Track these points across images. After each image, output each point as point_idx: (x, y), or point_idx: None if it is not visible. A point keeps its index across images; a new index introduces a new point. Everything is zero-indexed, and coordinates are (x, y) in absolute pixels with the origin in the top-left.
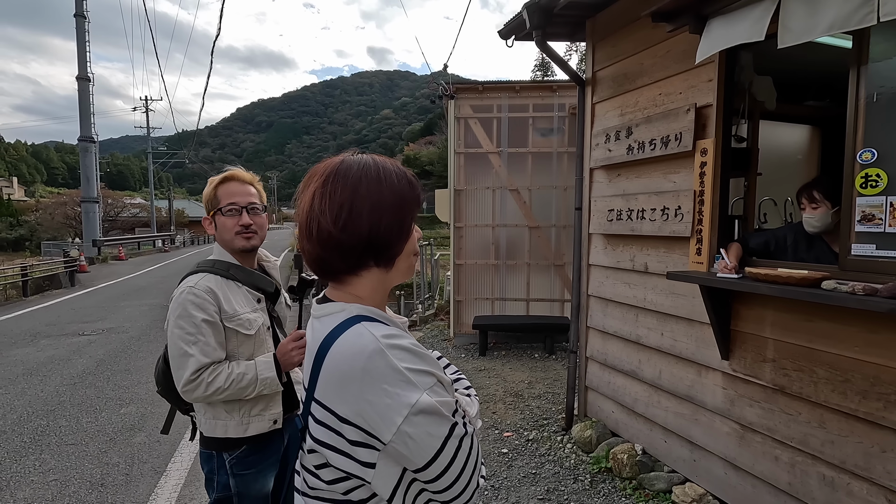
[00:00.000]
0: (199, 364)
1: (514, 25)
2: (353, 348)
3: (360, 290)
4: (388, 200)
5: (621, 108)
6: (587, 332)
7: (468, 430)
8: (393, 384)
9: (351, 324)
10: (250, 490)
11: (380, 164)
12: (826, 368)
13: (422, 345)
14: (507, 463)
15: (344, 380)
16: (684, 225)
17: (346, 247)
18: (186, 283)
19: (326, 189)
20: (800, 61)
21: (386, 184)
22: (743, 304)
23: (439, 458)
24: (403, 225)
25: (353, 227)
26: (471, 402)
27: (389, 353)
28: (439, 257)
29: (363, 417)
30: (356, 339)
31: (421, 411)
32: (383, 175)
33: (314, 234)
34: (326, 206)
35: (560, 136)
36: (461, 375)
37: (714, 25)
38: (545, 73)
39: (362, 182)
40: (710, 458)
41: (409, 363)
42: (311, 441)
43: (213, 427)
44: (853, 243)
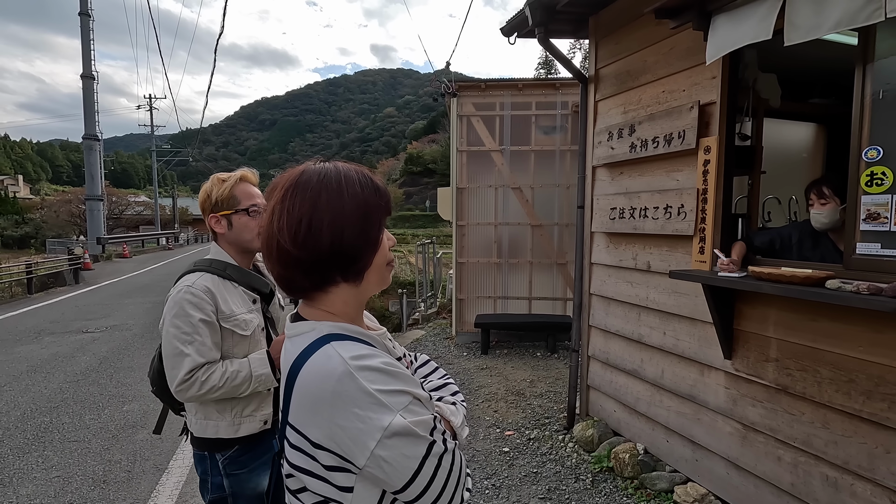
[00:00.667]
0: (195, 364)
1: (516, 22)
2: (322, 371)
3: (332, 307)
4: (350, 212)
5: (624, 106)
6: (589, 330)
7: (448, 447)
8: (364, 407)
9: (320, 345)
10: (244, 489)
11: (342, 171)
12: (830, 368)
13: (404, 359)
14: (509, 462)
15: (315, 404)
16: (687, 223)
17: (307, 265)
18: (184, 283)
19: (285, 205)
20: (805, 58)
21: (348, 194)
22: (746, 303)
23: (417, 479)
24: (369, 237)
25: (313, 244)
26: (455, 411)
27: (359, 375)
28: (441, 255)
29: (336, 442)
30: (325, 362)
31: (395, 434)
32: (345, 184)
33: (274, 254)
34: (284, 223)
35: (563, 133)
36: (448, 380)
37: (719, 23)
38: (549, 71)
39: (322, 194)
40: (712, 457)
41: (380, 384)
42: (288, 466)
43: (203, 427)
44: (858, 242)
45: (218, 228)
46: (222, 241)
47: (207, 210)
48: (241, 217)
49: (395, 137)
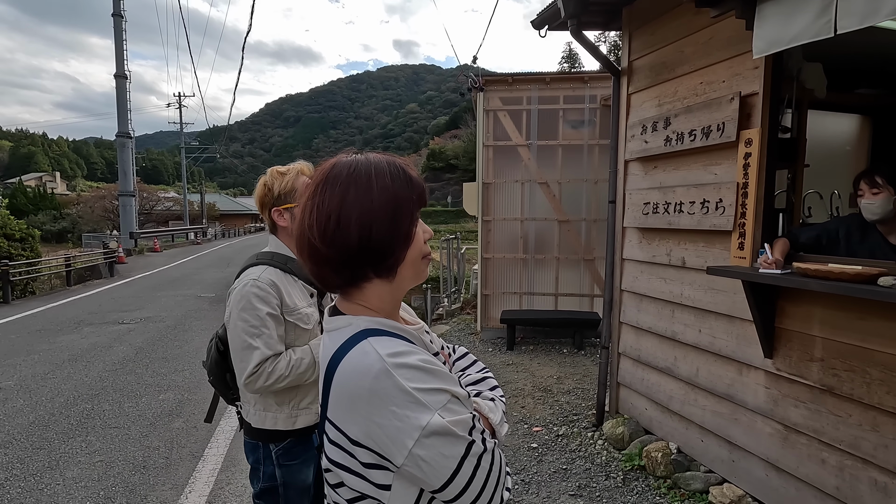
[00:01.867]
0: (263, 357)
1: (548, 15)
2: (359, 368)
3: (368, 301)
4: (380, 206)
5: (659, 98)
6: (620, 327)
7: (487, 447)
8: (402, 406)
9: (357, 340)
10: (296, 480)
11: (373, 163)
12: (880, 369)
13: (442, 352)
14: (538, 458)
15: (352, 401)
16: (726, 218)
17: (336, 262)
18: (249, 276)
19: (315, 200)
20: (853, 46)
21: (377, 187)
22: (789, 300)
23: (456, 479)
24: (400, 231)
25: (342, 240)
26: (494, 408)
27: (396, 372)
28: (465, 251)
29: (373, 440)
30: (361, 359)
31: (433, 433)
32: (375, 177)
33: (305, 251)
34: (314, 220)
35: (591, 128)
36: (487, 374)
37: (767, 12)
38: (572, 65)
39: (350, 189)
40: (750, 458)
41: (418, 382)
42: (327, 461)
43: (262, 419)
44: None
45: (281, 222)
46: (283, 235)
47: (268, 204)
48: None
49: (417, 133)
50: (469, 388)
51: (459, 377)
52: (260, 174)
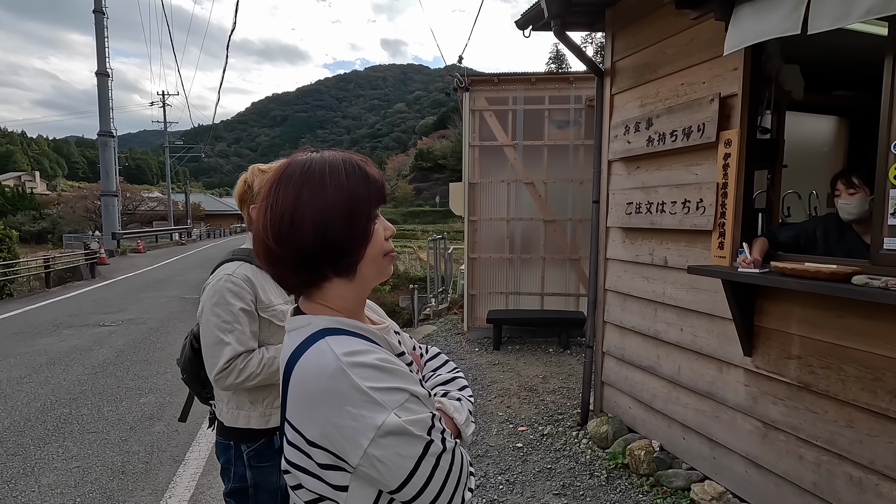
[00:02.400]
0: (234, 353)
1: (531, 15)
2: (315, 368)
3: (329, 301)
4: (335, 204)
5: (641, 99)
6: (604, 326)
7: (447, 447)
8: (357, 405)
9: (315, 340)
10: (267, 482)
11: (327, 161)
12: (856, 366)
13: (395, 357)
14: (522, 457)
15: (309, 401)
16: (706, 218)
17: (292, 262)
18: (223, 271)
19: (269, 201)
20: (829, 49)
21: (332, 184)
22: (767, 299)
23: (413, 479)
24: (356, 228)
25: (297, 240)
26: (460, 408)
27: (352, 372)
28: (453, 251)
29: (329, 440)
30: (318, 358)
31: (389, 433)
32: (329, 175)
33: (261, 252)
34: (269, 220)
35: (577, 128)
36: (457, 374)
37: (742, 13)
38: (559, 66)
39: (305, 187)
40: (730, 455)
41: (374, 381)
42: (285, 462)
43: (235, 417)
44: (886, 237)
45: None
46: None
47: (248, 200)
48: None
49: (405, 133)
50: (437, 388)
51: (429, 377)
52: None
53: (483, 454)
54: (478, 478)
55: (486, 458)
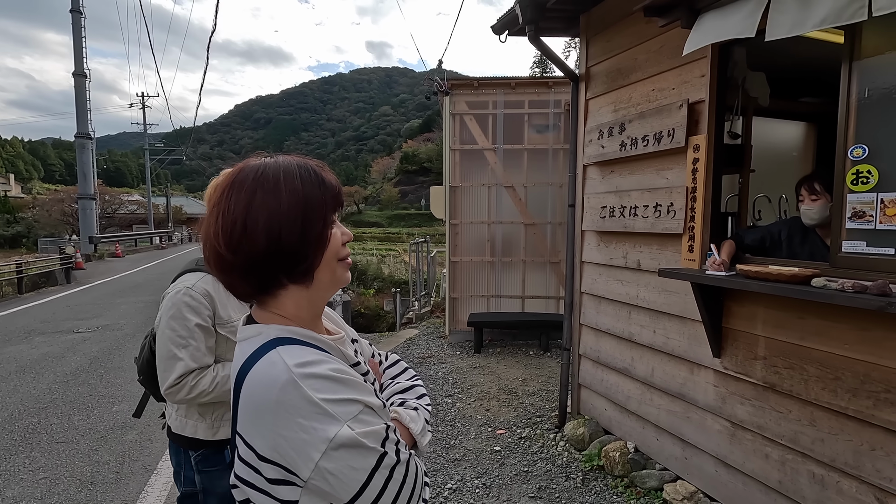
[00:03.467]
0: (186, 369)
1: (507, 20)
2: (265, 379)
3: (282, 309)
4: (288, 209)
5: (615, 104)
6: (580, 329)
7: (401, 458)
8: (308, 417)
9: (266, 350)
10: (216, 487)
11: (281, 166)
12: (817, 366)
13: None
14: (500, 461)
15: (259, 413)
16: (677, 222)
17: (242, 269)
18: (183, 283)
19: (221, 206)
20: (794, 57)
21: (286, 189)
22: (734, 301)
23: (366, 492)
24: (310, 234)
25: (248, 247)
26: (416, 417)
27: (303, 383)
28: (436, 254)
29: (279, 454)
30: (268, 369)
31: (341, 445)
32: (283, 179)
33: (211, 259)
34: (220, 226)
35: (556, 132)
36: (416, 382)
37: (706, 19)
38: (544, 70)
39: (257, 192)
40: (701, 455)
41: (326, 393)
42: (234, 477)
43: (182, 425)
44: (844, 240)
45: None
46: None
47: None
48: None
49: (390, 136)
50: (395, 396)
51: (388, 385)
52: None
53: (461, 458)
54: (455, 482)
55: (463, 462)
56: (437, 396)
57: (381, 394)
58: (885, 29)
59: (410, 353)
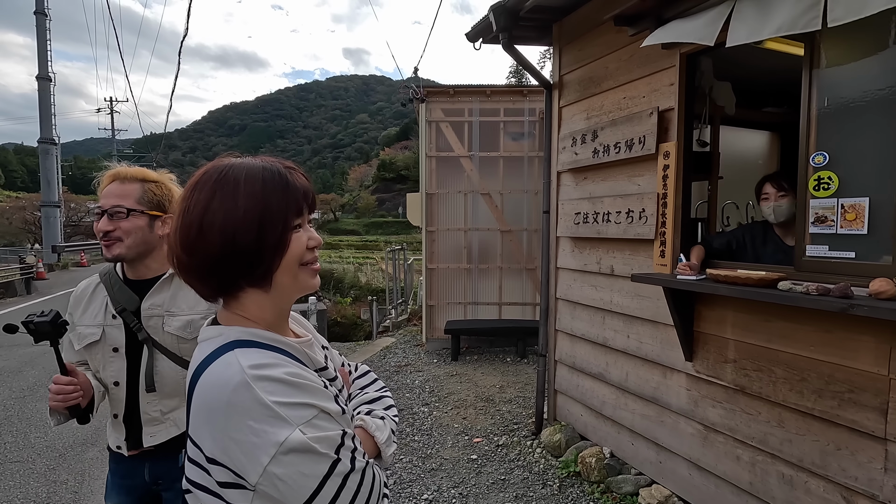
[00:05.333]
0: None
1: (481, 28)
2: (219, 380)
3: (246, 311)
4: (246, 212)
5: (587, 112)
6: (556, 335)
7: (356, 466)
8: (259, 420)
9: (223, 351)
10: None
11: (246, 167)
12: (784, 368)
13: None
14: (477, 469)
15: (209, 414)
16: (648, 227)
17: (198, 271)
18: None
19: (182, 206)
20: (758, 68)
21: (244, 193)
22: (705, 305)
23: (316, 500)
24: (268, 238)
25: (203, 249)
26: (382, 426)
27: (256, 385)
28: (413, 262)
29: (228, 456)
30: (223, 370)
31: (291, 450)
32: (244, 182)
33: (171, 259)
34: (178, 227)
35: (531, 140)
36: (384, 393)
37: (669, 25)
38: (519, 80)
39: (217, 194)
40: (675, 459)
41: (279, 396)
42: (186, 481)
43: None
44: (808, 244)
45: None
46: None
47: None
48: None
49: (367, 143)
50: (363, 406)
51: (356, 395)
52: None
53: (437, 467)
54: (431, 492)
55: (440, 472)
56: (414, 405)
57: (349, 403)
58: (843, 41)
59: (387, 361)
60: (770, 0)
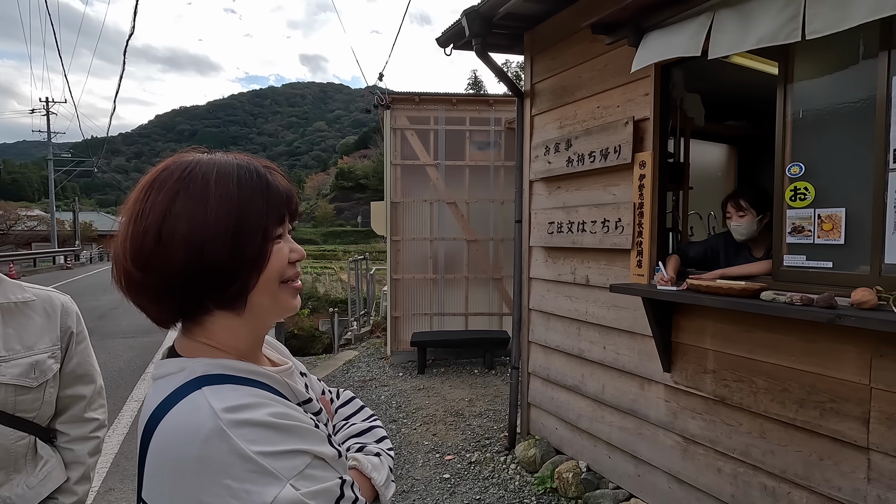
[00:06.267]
0: None
1: (452, 33)
2: (184, 429)
3: (213, 338)
4: (217, 218)
5: (560, 121)
6: (529, 346)
7: None
8: (240, 478)
9: (188, 391)
10: None
11: (217, 164)
12: (765, 378)
13: (297, 410)
14: (450, 489)
15: (174, 475)
16: (625, 237)
17: (154, 291)
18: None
19: (135, 210)
20: (722, 82)
21: (216, 194)
22: (684, 315)
23: None
24: (244, 250)
25: (161, 262)
26: (380, 465)
27: (234, 433)
28: (375, 272)
29: None
30: (189, 416)
31: None
32: (215, 181)
33: (115, 275)
34: (129, 234)
35: (497, 149)
36: (374, 423)
37: (651, 38)
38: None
39: (180, 195)
40: (654, 472)
41: (264, 444)
42: None
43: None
44: (785, 254)
45: None
46: None
47: None
48: None
49: (325, 152)
50: (351, 440)
51: (341, 427)
52: None
53: (409, 489)
54: None
55: (412, 494)
56: (381, 422)
57: (334, 437)
58: (817, 55)
59: (350, 376)
60: (750, 12)
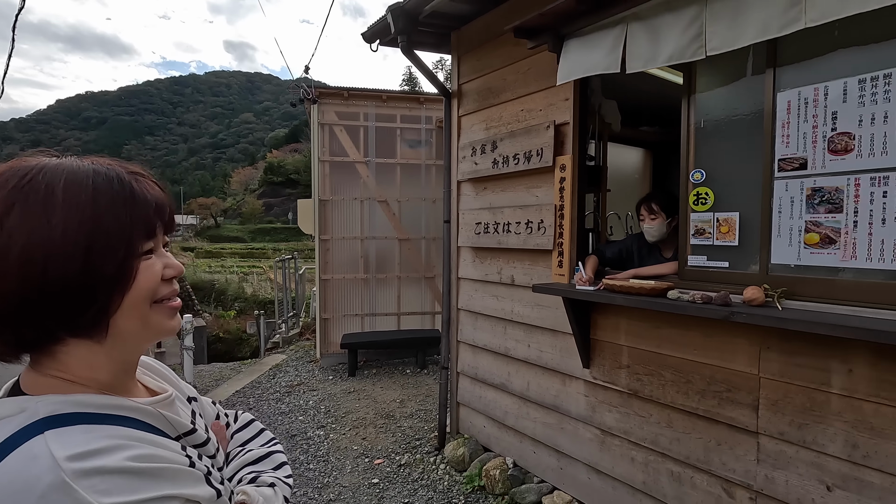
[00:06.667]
0: None
1: (378, 28)
2: (17, 486)
3: (68, 371)
4: (66, 231)
5: (486, 122)
6: (458, 346)
7: None
8: None
9: (24, 437)
10: None
11: (68, 169)
12: (671, 371)
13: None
14: (379, 495)
15: None
16: (547, 238)
17: None
18: None
19: None
20: (635, 90)
21: (65, 204)
22: (601, 314)
23: None
24: (102, 264)
25: None
26: (272, 497)
27: (80, 484)
28: (305, 271)
29: None
30: (23, 469)
31: None
32: (64, 188)
33: None
34: None
35: (428, 148)
36: (274, 447)
37: (571, 47)
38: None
39: (16, 206)
40: (575, 464)
41: (120, 495)
42: None
43: None
44: (689, 255)
45: None
46: None
47: None
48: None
49: (253, 145)
50: (245, 469)
51: (237, 454)
52: None
53: (335, 497)
54: None
55: (338, 502)
56: (308, 429)
57: (227, 465)
58: (716, 68)
59: (277, 381)
60: (659, 28)
